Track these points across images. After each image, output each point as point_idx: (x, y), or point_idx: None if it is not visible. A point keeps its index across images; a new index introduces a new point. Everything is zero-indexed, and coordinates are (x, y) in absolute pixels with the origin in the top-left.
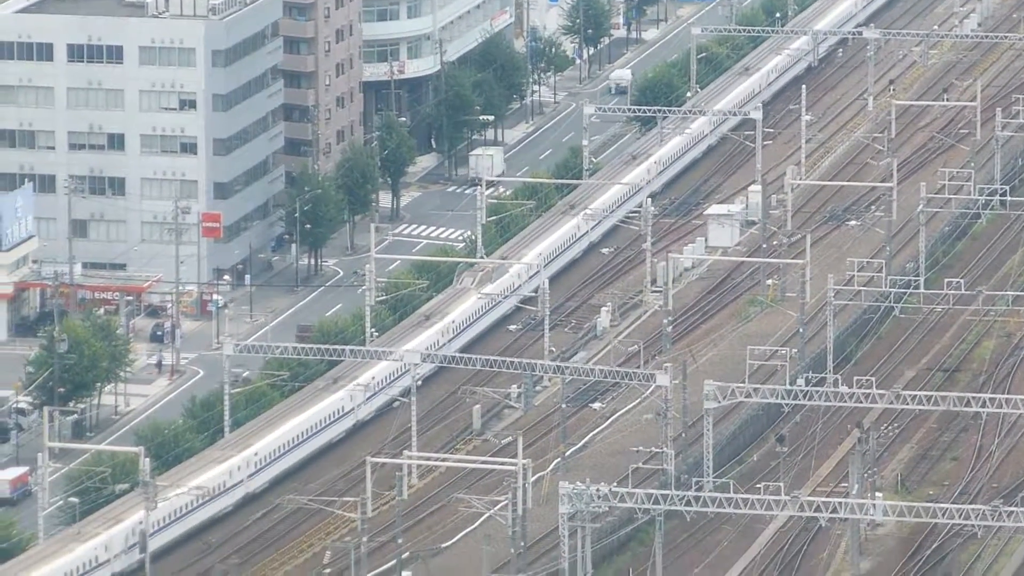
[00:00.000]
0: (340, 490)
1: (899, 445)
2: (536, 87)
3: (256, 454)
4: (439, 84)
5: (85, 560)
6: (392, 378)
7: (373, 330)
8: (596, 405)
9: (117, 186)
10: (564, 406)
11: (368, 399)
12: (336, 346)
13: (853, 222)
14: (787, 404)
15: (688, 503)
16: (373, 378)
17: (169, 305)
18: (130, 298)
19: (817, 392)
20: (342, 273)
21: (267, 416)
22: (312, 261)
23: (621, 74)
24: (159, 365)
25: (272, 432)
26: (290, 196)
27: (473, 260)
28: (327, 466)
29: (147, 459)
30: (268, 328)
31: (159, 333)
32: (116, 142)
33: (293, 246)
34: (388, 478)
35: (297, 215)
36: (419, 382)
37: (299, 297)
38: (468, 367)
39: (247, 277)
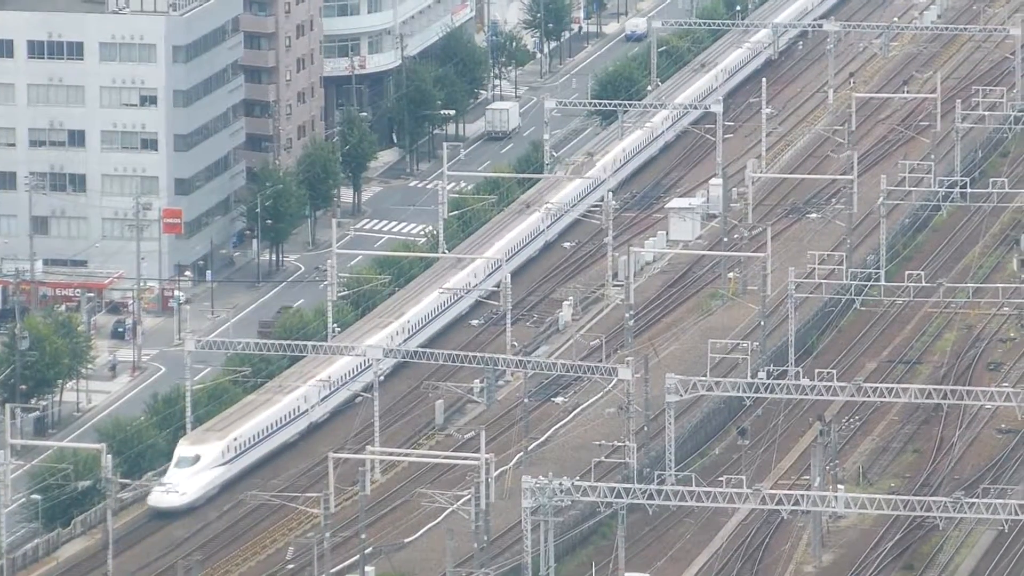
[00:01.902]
0: (303, 486)
1: (860, 437)
2: (497, 81)
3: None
4: (400, 79)
5: (290, 410)
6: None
7: (335, 326)
8: (559, 399)
9: (78, 183)
10: (527, 401)
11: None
12: (298, 342)
13: (814, 215)
14: (748, 397)
15: (650, 497)
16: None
17: (130, 301)
18: (91, 295)
19: (778, 385)
20: (303, 269)
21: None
22: (273, 257)
23: (636, 22)
24: (113, 368)
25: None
26: (251, 192)
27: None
28: (290, 462)
29: (109, 456)
30: (230, 324)
31: (120, 330)
32: (77, 138)
33: (254, 242)
34: (351, 474)
35: (258, 211)
36: (381, 377)
37: (261, 293)
38: (430, 362)
39: (208, 273)
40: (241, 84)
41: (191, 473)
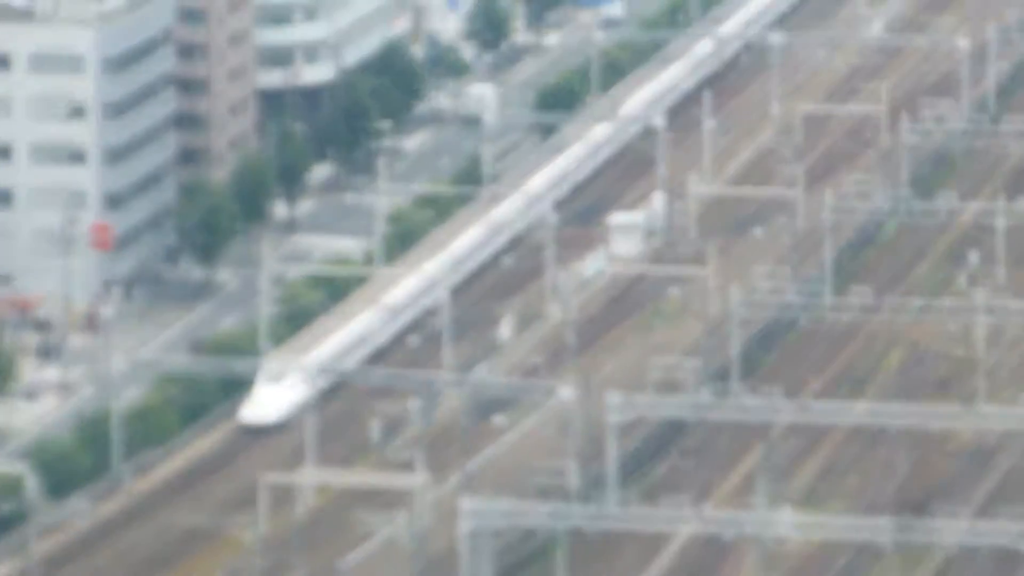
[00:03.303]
0: (232, 509)
1: (806, 458)
2: (435, 93)
3: None
4: (335, 91)
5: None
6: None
7: (268, 344)
8: (497, 419)
9: (4, 197)
10: (465, 421)
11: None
12: (230, 360)
13: (758, 231)
14: (692, 417)
15: (591, 519)
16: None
17: (56, 320)
18: (17, 313)
19: (721, 404)
20: (236, 285)
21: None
22: (205, 273)
23: (612, 9)
24: (37, 389)
25: None
26: (182, 207)
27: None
28: (218, 483)
29: (33, 479)
30: (159, 342)
31: (46, 348)
32: (3, 152)
33: (185, 258)
34: (283, 496)
35: (190, 226)
36: (316, 397)
37: (191, 310)
38: (366, 381)
39: (137, 290)
40: (172, 96)
41: (280, 391)
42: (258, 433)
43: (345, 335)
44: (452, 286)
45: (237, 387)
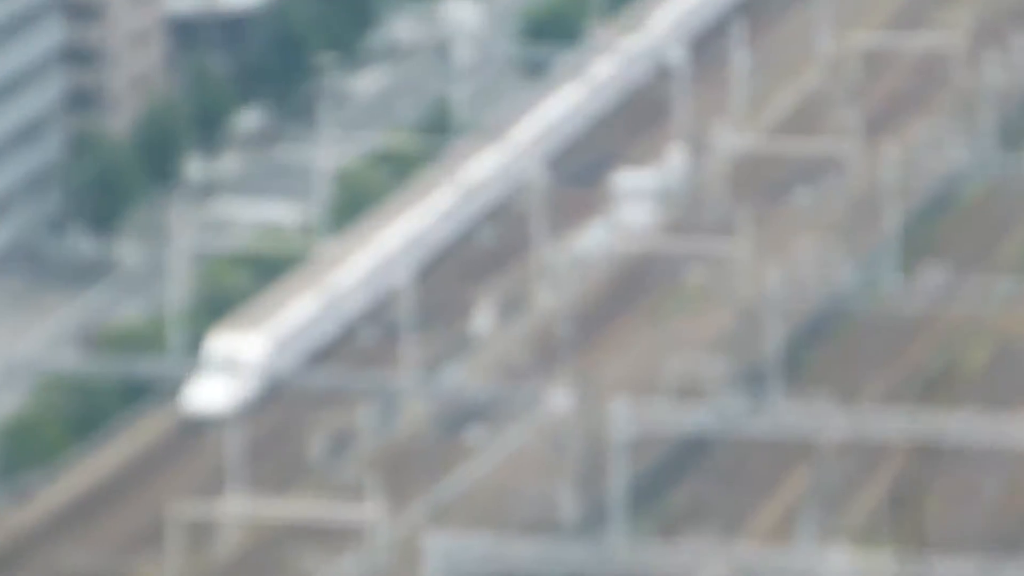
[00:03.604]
0: (140, 545)
1: (864, 482)
2: (393, 19)
3: None
4: (265, 19)
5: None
6: None
7: (182, 336)
8: (472, 433)
9: None
10: (431, 435)
11: None
12: (131, 358)
13: (803, 194)
14: (719, 430)
15: (592, 560)
16: None
17: None
18: None
19: (757, 415)
20: (138, 264)
21: None
22: (100, 247)
23: None
24: None
25: None
26: (71, 163)
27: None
28: (121, 513)
29: None
30: (40, 335)
31: None
32: None
33: (74, 229)
34: (202, 531)
35: (80, 188)
36: (243, 405)
37: (82, 295)
38: (306, 385)
39: (12, 269)
40: (59, 25)
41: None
42: (201, 426)
43: (288, 320)
44: (415, 265)
45: (141, 393)
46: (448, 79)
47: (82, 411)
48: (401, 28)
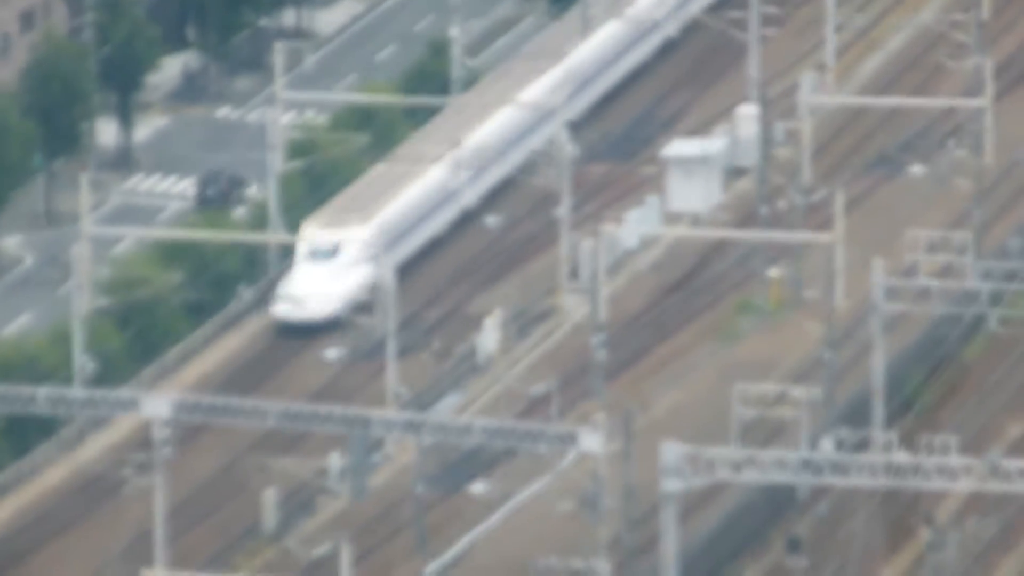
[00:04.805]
0: None
1: (1000, 551)
2: None
3: None
4: None
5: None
6: None
7: (86, 360)
8: (478, 488)
9: None
10: (422, 490)
11: None
12: (18, 388)
13: (917, 169)
14: (804, 484)
15: None
16: None
17: None
18: None
19: (856, 463)
20: (30, 261)
21: None
22: None
23: None
24: None
25: None
26: None
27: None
28: None
29: None
30: None
31: None
32: None
33: None
34: None
35: None
36: (170, 449)
37: None
38: (253, 424)
39: None
40: None
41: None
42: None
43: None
44: (399, 262)
45: (36, 427)
46: (440, 14)
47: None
48: None
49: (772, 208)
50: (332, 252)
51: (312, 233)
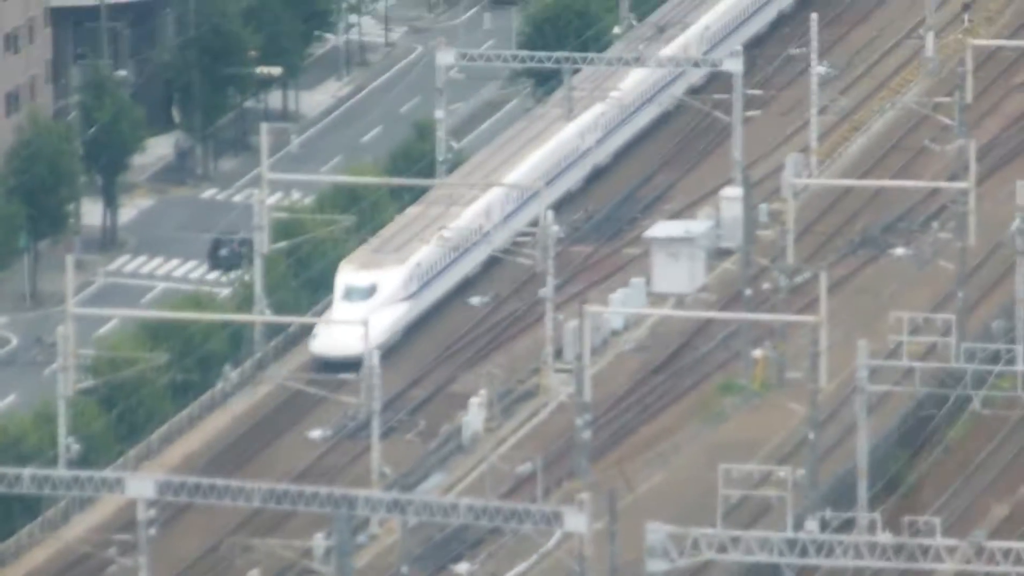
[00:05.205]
0: None
1: None
2: (354, 19)
3: None
4: (185, 13)
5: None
6: None
7: (71, 440)
8: (462, 568)
9: None
10: (406, 571)
11: None
12: (3, 468)
13: (901, 250)
14: (789, 564)
15: None
16: None
17: None
18: None
19: (841, 544)
20: (16, 341)
21: None
22: None
23: None
24: None
25: None
26: None
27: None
28: None
29: None
30: None
31: None
32: None
33: None
34: None
35: None
36: (155, 529)
37: None
38: (238, 504)
39: None
40: None
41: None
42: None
43: None
44: (382, 343)
45: (21, 508)
46: (427, 96)
47: None
48: (365, 23)
49: (756, 289)
50: (368, 292)
51: (348, 274)
